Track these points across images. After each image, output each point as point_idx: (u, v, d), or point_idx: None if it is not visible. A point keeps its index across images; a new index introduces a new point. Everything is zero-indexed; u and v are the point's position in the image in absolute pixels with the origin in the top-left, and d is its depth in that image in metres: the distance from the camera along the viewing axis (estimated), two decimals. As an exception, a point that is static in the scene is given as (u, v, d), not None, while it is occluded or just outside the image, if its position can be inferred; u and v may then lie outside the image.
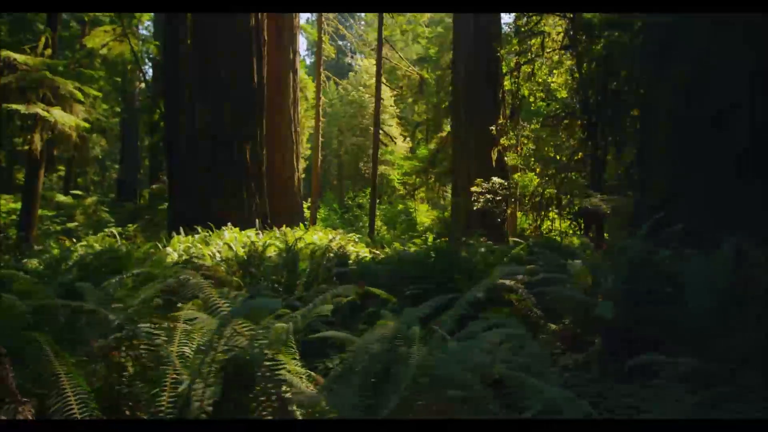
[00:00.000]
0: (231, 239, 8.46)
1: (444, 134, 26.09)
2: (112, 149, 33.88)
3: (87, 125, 8.89)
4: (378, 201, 23.60)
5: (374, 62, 26.08)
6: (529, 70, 10.47)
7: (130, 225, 14.41)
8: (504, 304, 3.74)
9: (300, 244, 8.29)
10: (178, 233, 10.50)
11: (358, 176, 24.95)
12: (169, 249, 7.70)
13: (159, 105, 17.54)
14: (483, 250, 4.70)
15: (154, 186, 23.56)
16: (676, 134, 4.32)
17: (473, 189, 9.60)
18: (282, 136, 16.87)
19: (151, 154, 27.02)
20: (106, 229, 14.29)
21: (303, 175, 19.01)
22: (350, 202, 22.73)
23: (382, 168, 24.89)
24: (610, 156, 8.26)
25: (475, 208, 9.52)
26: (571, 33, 9.44)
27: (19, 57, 6.87)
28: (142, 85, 29.03)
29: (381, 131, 25.69)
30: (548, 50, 10.10)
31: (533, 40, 10.29)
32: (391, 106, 24.81)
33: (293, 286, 3.77)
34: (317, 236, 11.07)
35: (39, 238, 10.51)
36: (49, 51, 8.77)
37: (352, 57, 27.66)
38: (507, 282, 3.99)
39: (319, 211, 21.20)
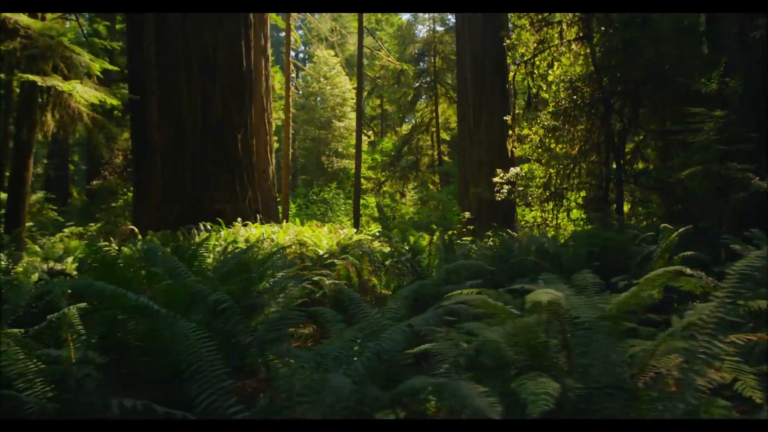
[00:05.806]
0: (258, 234, 7.73)
1: (406, 129, 25.88)
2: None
3: (116, 102, 7.67)
4: (341, 194, 22.99)
5: (333, 53, 25.36)
6: (542, 61, 10.40)
7: (91, 224, 12.93)
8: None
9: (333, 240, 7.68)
10: (159, 231, 9.48)
11: (318, 170, 24.16)
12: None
13: (114, 92, 15.83)
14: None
15: (94, 182, 21.49)
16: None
17: (495, 179, 9.39)
18: (255, 126, 15.82)
19: (87, 148, 24.65)
20: (66, 230, 12.72)
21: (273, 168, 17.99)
22: (314, 197, 21.96)
23: (345, 162, 24.26)
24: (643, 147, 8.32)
25: (498, 198, 9.32)
26: (585, 24, 9.45)
27: (22, 19, 5.65)
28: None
29: (342, 125, 25.03)
30: (561, 41, 10.08)
31: (546, 29, 10.23)
32: (351, 98, 24.24)
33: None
34: (326, 231, 10.45)
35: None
36: (50, 14, 7.43)
37: (313, 47, 26.67)
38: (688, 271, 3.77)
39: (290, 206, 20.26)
